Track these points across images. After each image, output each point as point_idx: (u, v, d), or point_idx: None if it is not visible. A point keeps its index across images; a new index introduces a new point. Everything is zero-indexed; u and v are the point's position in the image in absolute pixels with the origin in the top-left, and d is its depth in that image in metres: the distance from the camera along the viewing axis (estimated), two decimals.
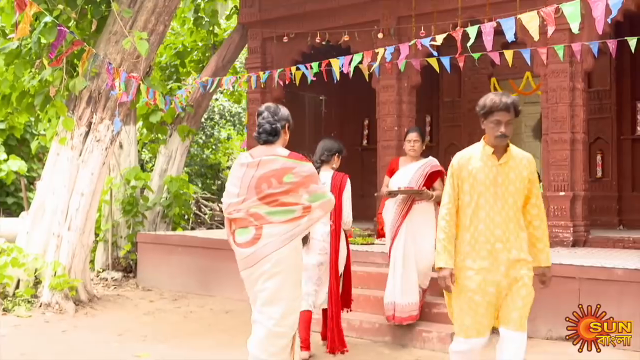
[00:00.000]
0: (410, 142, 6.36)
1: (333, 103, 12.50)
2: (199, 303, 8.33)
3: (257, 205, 4.17)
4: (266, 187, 4.17)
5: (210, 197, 15.98)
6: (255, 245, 4.15)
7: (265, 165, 4.21)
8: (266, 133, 4.37)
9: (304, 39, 10.12)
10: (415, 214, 6.24)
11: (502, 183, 3.98)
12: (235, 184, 4.29)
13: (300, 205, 4.19)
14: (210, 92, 11.27)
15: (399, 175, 6.35)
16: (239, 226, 4.24)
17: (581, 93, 8.27)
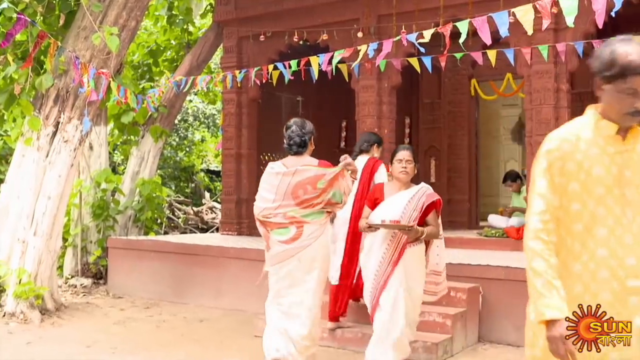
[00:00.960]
0: (402, 163, 4.85)
1: (310, 104, 12.22)
2: (172, 311, 7.99)
3: (294, 210, 4.75)
4: (302, 193, 4.76)
5: (184, 200, 15.64)
6: (295, 242, 4.76)
7: (301, 173, 4.82)
8: (296, 145, 5.03)
9: (281, 38, 9.84)
10: (409, 259, 4.81)
11: (631, 180, 2.54)
12: (270, 190, 4.89)
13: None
14: (184, 92, 10.94)
15: (385, 207, 4.81)
16: (276, 227, 4.81)
17: (565, 94, 8.09)
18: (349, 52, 6.87)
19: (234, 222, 10.35)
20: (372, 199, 5.02)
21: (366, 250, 4.98)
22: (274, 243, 4.83)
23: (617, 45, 2.55)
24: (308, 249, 4.75)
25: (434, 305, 6.11)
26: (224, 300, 8.18)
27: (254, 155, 10.62)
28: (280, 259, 4.79)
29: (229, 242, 8.97)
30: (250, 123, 10.51)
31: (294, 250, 4.75)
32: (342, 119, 12.41)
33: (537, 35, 8.14)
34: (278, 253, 4.79)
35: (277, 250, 4.79)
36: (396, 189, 4.96)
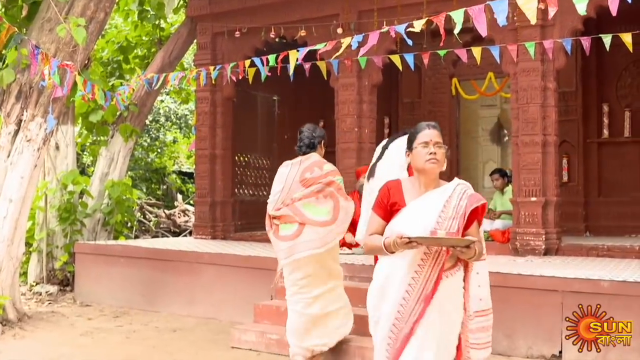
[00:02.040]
0: (428, 147, 3.42)
1: (286, 103, 11.89)
2: (143, 320, 7.57)
3: (298, 189, 5.20)
4: (309, 174, 5.28)
5: (155, 203, 15.25)
6: (295, 240, 5.12)
7: (306, 161, 5.41)
8: (305, 146, 5.52)
9: (257, 35, 9.49)
10: (446, 292, 3.39)
11: None
12: (280, 181, 5.41)
13: (329, 210, 5.22)
14: (156, 90, 10.51)
15: (411, 216, 3.40)
16: (283, 222, 5.20)
17: (553, 93, 7.85)
18: (331, 45, 6.51)
19: (207, 225, 9.97)
20: (385, 204, 3.50)
21: (380, 280, 3.49)
22: (280, 240, 5.23)
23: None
24: (305, 259, 5.17)
25: None
26: (198, 308, 7.79)
27: (228, 155, 10.25)
28: (287, 254, 5.20)
29: (203, 247, 8.58)
30: (225, 122, 10.14)
31: (295, 247, 5.13)
32: (319, 119, 12.04)
33: (523, 32, 7.92)
34: (284, 249, 5.20)
35: (283, 247, 5.21)
36: (421, 188, 3.50)
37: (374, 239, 3.46)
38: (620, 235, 9.19)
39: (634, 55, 9.63)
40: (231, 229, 10.15)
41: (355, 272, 6.75)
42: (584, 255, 7.56)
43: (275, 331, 5.98)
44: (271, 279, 7.06)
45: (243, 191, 11.02)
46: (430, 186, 3.49)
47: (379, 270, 3.55)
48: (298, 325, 5.34)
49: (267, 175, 11.62)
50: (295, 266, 5.27)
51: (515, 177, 7.94)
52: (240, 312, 7.26)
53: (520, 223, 7.74)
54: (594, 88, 9.95)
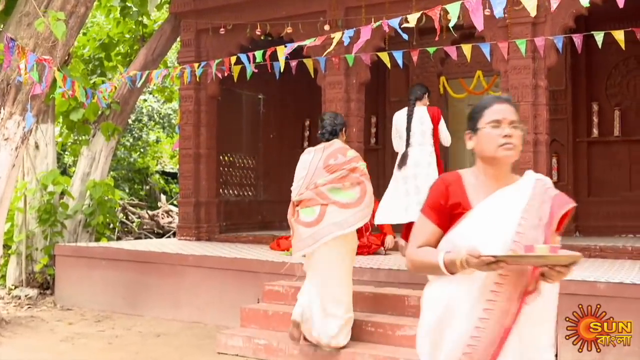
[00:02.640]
0: (501, 128, 2.57)
1: (272, 102, 11.72)
2: (125, 325, 7.35)
3: (322, 176, 5.22)
4: (333, 160, 5.32)
5: (138, 203, 15.00)
6: (318, 226, 5.09)
7: (330, 147, 5.46)
8: (328, 133, 5.60)
9: (242, 31, 9.28)
10: (530, 321, 2.50)
11: None
12: (303, 167, 5.49)
13: (356, 195, 5.22)
14: (139, 89, 10.30)
15: (486, 221, 2.51)
16: (304, 206, 5.20)
17: (544, 91, 7.71)
18: (320, 41, 6.33)
19: (192, 226, 9.76)
20: (442, 206, 2.60)
21: (437, 314, 2.54)
22: (300, 227, 5.20)
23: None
24: (327, 245, 5.11)
25: (416, 318, 5.63)
26: (182, 311, 7.58)
27: (213, 155, 10.04)
28: (306, 244, 5.16)
29: (187, 249, 8.37)
30: (209, 121, 9.93)
31: (317, 235, 5.09)
32: (305, 118, 11.92)
33: (514, 29, 7.78)
34: (304, 239, 5.16)
35: (303, 235, 5.17)
36: (490, 184, 2.61)
37: (426, 254, 2.53)
38: (611, 235, 9.10)
39: (623, 54, 9.58)
40: (216, 230, 9.95)
41: None
42: None
43: (263, 336, 5.80)
44: (258, 281, 6.93)
45: (228, 191, 10.83)
46: (502, 181, 2.60)
47: (432, 298, 2.59)
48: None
49: (252, 175, 11.44)
50: (318, 251, 5.21)
51: None
52: (226, 315, 7.07)
53: None
54: (583, 87, 9.85)
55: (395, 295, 5.91)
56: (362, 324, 5.59)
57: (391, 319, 5.69)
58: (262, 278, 6.94)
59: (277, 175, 11.77)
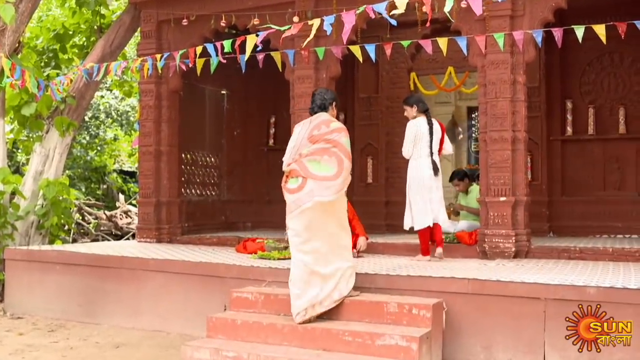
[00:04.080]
0: None
1: (236, 98, 11.36)
2: (81, 334, 6.85)
3: (306, 146, 5.54)
4: (317, 131, 5.59)
5: (95, 203, 14.49)
6: (300, 192, 5.44)
7: (316, 119, 5.73)
8: (317, 106, 5.84)
9: (206, 23, 8.88)
10: None
11: None
12: (293, 139, 5.75)
13: (334, 170, 5.47)
14: (96, 82, 9.78)
15: None
16: (291, 176, 5.53)
17: (522, 87, 7.45)
18: (297, 28, 5.94)
19: (152, 227, 9.32)
20: None
21: None
22: (287, 194, 5.54)
23: None
24: (308, 211, 5.41)
25: (396, 326, 5.29)
26: (143, 319, 7.11)
27: (175, 152, 9.60)
28: (291, 208, 5.50)
29: (148, 252, 7.90)
30: (171, 117, 9.48)
31: (299, 201, 5.43)
32: (270, 115, 11.54)
33: (491, 22, 7.50)
34: (289, 203, 5.52)
35: (290, 200, 5.51)
36: None
37: None
38: (585, 236, 8.95)
39: (597, 51, 9.44)
40: (178, 231, 9.52)
41: None
42: (555, 257, 7.21)
43: (232, 347, 5.37)
44: (224, 287, 6.52)
45: (190, 191, 10.40)
46: None
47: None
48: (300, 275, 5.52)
49: (216, 174, 11.03)
50: (301, 216, 5.49)
51: (483, 175, 7.51)
52: (191, 324, 6.65)
53: (488, 224, 7.33)
54: (557, 84, 9.67)
55: (372, 302, 5.55)
56: (339, 334, 5.20)
57: (370, 327, 5.31)
58: (229, 284, 6.53)
59: (241, 173, 11.41)
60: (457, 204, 9.01)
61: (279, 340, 5.38)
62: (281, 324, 5.45)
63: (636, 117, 9.31)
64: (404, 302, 5.42)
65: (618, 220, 9.18)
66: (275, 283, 6.30)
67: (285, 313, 5.75)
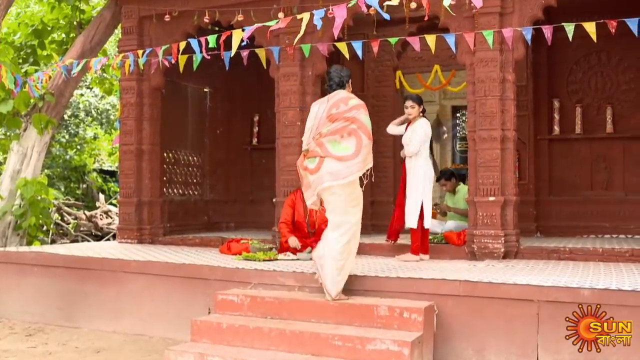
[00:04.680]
0: None
1: (219, 96, 11.19)
2: (60, 339, 6.64)
3: (325, 125, 5.53)
4: (335, 110, 5.58)
5: (74, 203, 14.26)
6: (318, 173, 5.47)
7: (333, 97, 5.72)
8: (335, 84, 5.82)
9: (189, 19, 8.71)
10: None
11: None
12: (311, 118, 5.74)
13: (352, 148, 5.44)
14: (75, 79, 9.58)
15: None
16: (309, 156, 5.56)
17: (511, 85, 7.35)
18: (285, 22, 5.77)
19: (133, 228, 9.13)
20: None
21: None
22: (307, 174, 5.58)
23: None
24: (324, 192, 5.47)
25: (387, 330, 5.15)
26: (124, 323, 6.91)
27: (156, 151, 9.41)
28: (315, 185, 5.51)
29: (129, 253, 7.70)
30: (153, 115, 9.29)
31: (315, 183, 5.49)
32: (254, 113, 11.37)
33: (480, 19, 7.39)
34: (307, 183, 5.60)
35: (309, 179, 5.56)
36: None
37: None
38: (572, 236, 8.89)
39: (584, 50, 9.38)
40: (160, 231, 9.33)
41: (305, 282, 6.01)
42: (545, 258, 7.12)
43: (217, 352, 5.21)
44: (208, 289, 6.35)
45: (172, 190, 10.21)
46: None
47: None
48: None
49: (198, 173, 10.85)
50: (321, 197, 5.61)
51: (472, 175, 7.40)
52: (174, 327, 6.47)
53: (477, 224, 7.22)
54: (544, 83, 9.59)
55: (362, 305, 5.40)
56: (328, 338, 5.05)
57: (360, 331, 5.17)
58: (214, 286, 6.36)
59: (225, 173, 11.25)
60: (444, 205, 8.91)
61: (266, 345, 5.22)
62: (268, 327, 5.29)
63: (623, 116, 9.26)
64: (395, 305, 5.28)
65: (605, 220, 9.11)
66: (262, 285, 6.14)
67: (272, 316, 5.62)
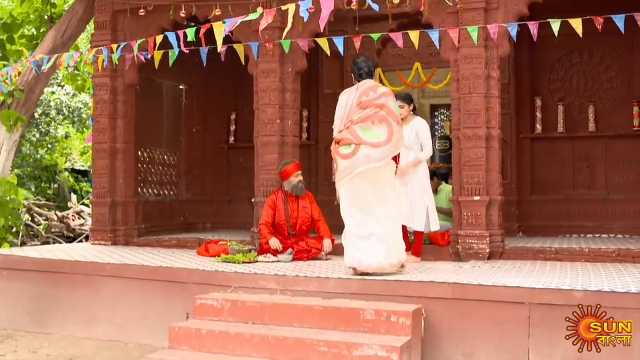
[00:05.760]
0: None
1: (195, 93, 10.98)
2: (31, 346, 6.35)
3: (356, 113, 5.81)
4: (365, 98, 5.87)
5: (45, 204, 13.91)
6: (353, 157, 5.70)
7: (362, 86, 5.99)
8: (365, 73, 6.09)
9: (164, 13, 8.47)
10: None
11: None
12: (341, 106, 6.01)
13: (384, 135, 5.75)
14: (46, 75, 9.26)
15: None
16: (343, 143, 5.79)
17: (496, 82, 7.25)
18: (270, 14, 5.54)
19: (107, 229, 8.85)
20: None
21: None
22: (340, 159, 5.78)
23: None
24: (360, 175, 5.69)
25: (374, 335, 4.96)
26: (98, 328, 6.64)
27: (131, 150, 9.15)
28: (343, 175, 5.74)
29: (103, 256, 7.43)
30: (127, 113, 9.03)
31: (352, 166, 5.69)
32: (230, 111, 11.15)
33: (465, 15, 7.25)
34: (342, 169, 5.76)
35: (343, 165, 5.74)
36: None
37: None
38: (555, 236, 8.82)
39: (566, 48, 9.30)
40: (134, 233, 9.07)
41: (287, 285, 5.80)
42: (531, 258, 7.01)
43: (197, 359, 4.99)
44: (186, 293, 6.13)
45: (147, 190, 9.97)
46: None
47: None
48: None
49: (174, 173, 10.60)
50: (354, 180, 5.76)
51: (456, 174, 7.27)
52: (150, 333, 6.23)
53: (462, 224, 7.09)
54: (526, 81, 9.52)
55: (348, 309, 5.20)
56: (313, 344, 4.85)
57: (346, 336, 4.97)
58: (192, 289, 6.13)
59: (201, 172, 11.03)
60: None
61: (248, 352, 5.00)
62: (250, 333, 5.07)
63: (605, 114, 9.20)
64: (382, 308, 5.09)
65: (588, 219, 9.06)
66: (242, 289, 5.92)
67: (254, 321, 5.41)
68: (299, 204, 7.41)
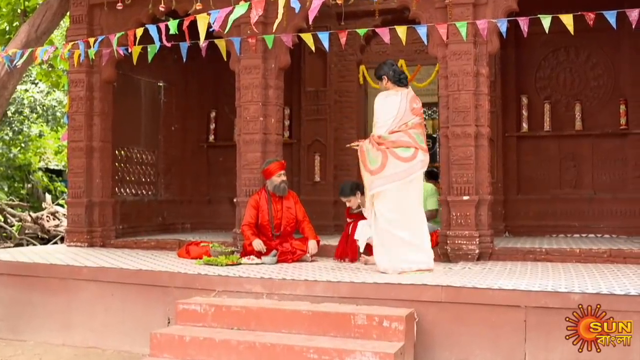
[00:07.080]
0: None
1: (174, 91, 10.72)
2: (4, 353, 6.08)
3: (409, 117, 6.05)
4: (415, 104, 6.16)
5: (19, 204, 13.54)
6: (413, 161, 5.93)
7: (409, 93, 6.22)
8: (405, 79, 6.30)
9: (143, 7, 8.19)
10: None
11: None
12: (395, 107, 6.11)
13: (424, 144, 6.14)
14: (19, 71, 8.98)
15: None
16: (399, 145, 5.94)
17: (485, 79, 7.08)
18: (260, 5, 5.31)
19: (83, 230, 8.57)
20: None
21: None
22: (398, 161, 5.91)
23: None
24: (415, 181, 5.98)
25: (365, 340, 4.76)
26: (75, 335, 6.38)
27: (108, 149, 8.87)
28: (398, 177, 5.89)
29: (79, 258, 7.15)
30: (104, 110, 8.75)
31: (411, 169, 5.90)
32: (210, 109, 10.89)
33: (453, 10, 7.08)
34: (399, 172, 5.90)
35: (399, 168, 5.90)
36: None
37: None
38: (542, 236, 8.73)
39: (552, 45, 9.19)
40: (112, 234, 8.80)
41: (273, 289, 5.58)
42: (520, 259, 6.87)
43: None
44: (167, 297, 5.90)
45: (125, 190, 9.68)
46: None
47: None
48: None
49: (152, 172, 10.32)
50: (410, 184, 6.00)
51: (444, 173, 7.09)
52: (130, 339, 5.99)
53: (450, 225, 6.91)
54: (512, 79, 9.40)
55: (338, 314, 5.00)
56: (303, 351, 4.64)
57: (336, 342, 4.76)
58: (173, 294, 5.89)
59: (180, 171, 10.78)
60: None
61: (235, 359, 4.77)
62: (236, 340, 4.85)
63: (592, 113, 9.11)
64: (374, 313, 4.90)
65: (574, 219, 8.97)
66: (226, 293, 5.69)
67: (239, 327, 5.18)
68: (283, 204, 7.20)
